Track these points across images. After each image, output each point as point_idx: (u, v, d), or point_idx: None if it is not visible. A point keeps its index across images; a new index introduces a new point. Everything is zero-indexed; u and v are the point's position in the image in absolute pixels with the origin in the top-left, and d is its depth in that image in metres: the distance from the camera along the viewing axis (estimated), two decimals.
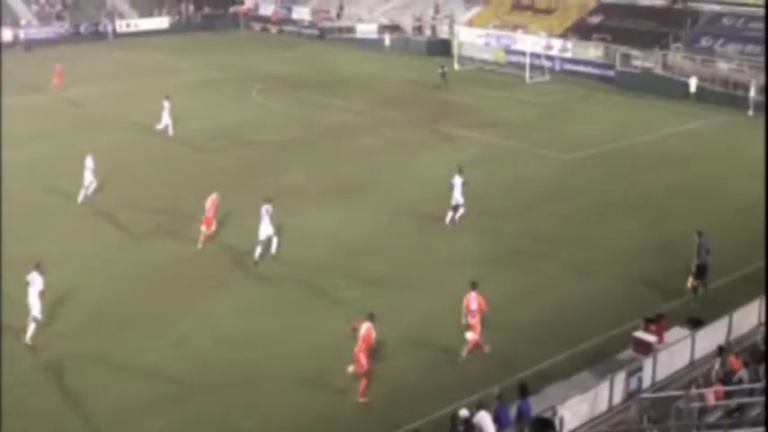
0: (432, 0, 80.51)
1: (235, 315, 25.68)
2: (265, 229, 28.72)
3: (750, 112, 50.50)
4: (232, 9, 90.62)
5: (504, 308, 25.40)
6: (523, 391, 19.10)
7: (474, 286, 23.39)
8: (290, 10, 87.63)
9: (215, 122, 48.13)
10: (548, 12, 71.93)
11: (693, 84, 54.12)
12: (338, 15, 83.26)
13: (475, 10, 76.98)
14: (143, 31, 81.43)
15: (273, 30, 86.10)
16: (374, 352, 22.09)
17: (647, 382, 20.76)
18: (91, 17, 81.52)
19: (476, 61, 64.44)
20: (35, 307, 23.63)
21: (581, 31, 66.62)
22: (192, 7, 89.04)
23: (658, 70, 58.03)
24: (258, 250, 28.69)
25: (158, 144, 43.10)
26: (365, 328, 21.61)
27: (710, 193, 36.25)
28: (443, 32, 73.94)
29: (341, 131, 46.19)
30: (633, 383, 20.38)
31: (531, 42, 64.39)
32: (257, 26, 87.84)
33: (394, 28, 76.76)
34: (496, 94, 56.44)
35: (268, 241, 28.91)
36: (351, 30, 78.48)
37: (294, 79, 59.39)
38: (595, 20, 68.17)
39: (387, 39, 73.53)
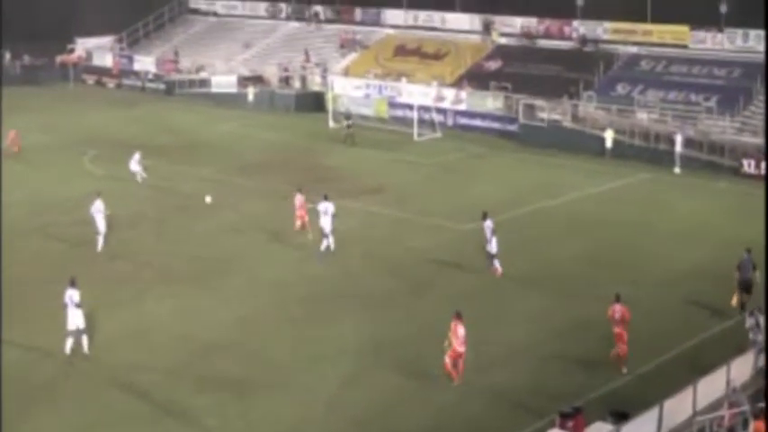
0: (300, 45, 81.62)
1: None
2: (326, 225, 37.48)
3: (677, 170, 52.38)
4: (59, 58, 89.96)
5: (378, 415, 25.54)
6: None
7: (618, 299, 28.09)
8: (130, 60, 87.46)
9: (36, 197, 47.29)
10: (437, 57, 73.83)
11: (609, 138, 56.09)
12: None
13: (351, 56, 78.36)
14: None
15: (111, 84, 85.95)
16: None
17: None
18: None
19: (354, 117, 65.23)
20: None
21: (477, 78, 68.50)
22: (8, 56, 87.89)
23: (568, 123, 60.08)
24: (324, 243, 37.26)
25: None
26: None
27: (630, 263, 37.41)
28: (315, 84, 74.96)
29: (192, 205, 45.88)
30: None
31: (419, 93, 65.97)
32: (91, 79, 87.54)
33: (257, 80, 77.42)
34: (379, 155, 57.30)
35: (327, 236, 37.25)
36: (205, 83, 78.80)
37: (136, 143, 58.61)
38: (493, 65, 70.25)
39: (249, 93, 73.99)
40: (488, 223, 36.17)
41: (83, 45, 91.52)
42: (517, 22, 73.40)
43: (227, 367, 28.55)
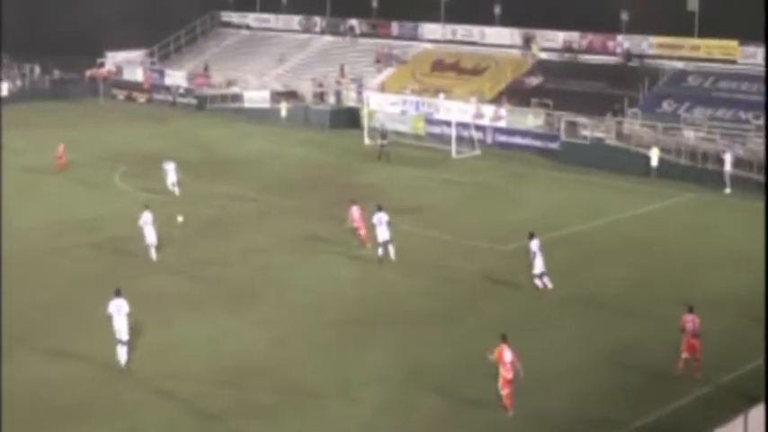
0: (335, 60, 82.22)
1: None
2: (383, 235, 39.53)
3: (727, 190, 52.16)
4: (89, 73, 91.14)
5: None
6: None
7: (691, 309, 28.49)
8: (161, 74, 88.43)
9: (65, 215, 47.99)
10: (476, 72, 74.14)
11: (655, 156, 56.00)
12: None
13: (388, 71, 78.84)
14: None
15: (141, 98, 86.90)
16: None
17: None
18: None
19: (390, 134, 65.62)
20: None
21: (517, 95, 68.79)
22: (37, 70, 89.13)
23: (611, 141, 60.10)
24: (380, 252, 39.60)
25: None
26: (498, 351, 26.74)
27: (678, 287, 37.13)
28: (350, 99, 75.45)
29: (223, 225, 46.43)
30: None
31: (457, 109, 66.21)
32: (121, 94, 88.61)
33: (290, 95, 78.03)
34: (415, 173, 57.60)
35: (385, 245, 39.59)
36: (237, 98, 79.57)
37: (163, 158, 59.52)
38: (534, 81, 70.45)
39: (283, 108, 74.60)
40: (535, 242, 36.75)
41: (113, 59, 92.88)
42: (559, 37, 73.75)
43: (259, 392, 28.77)
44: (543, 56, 73.10)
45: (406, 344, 32.11)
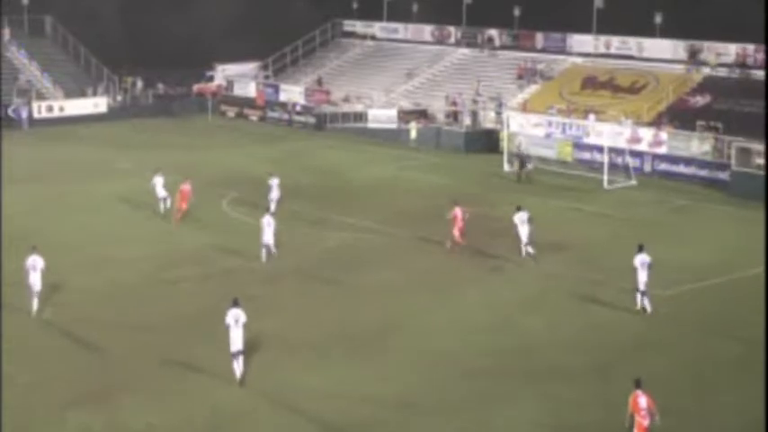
0: (472, 75, 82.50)
1: None
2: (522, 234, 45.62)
3: None
4: (196, 87, 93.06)
5: None
6: None
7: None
8: (276, 90, 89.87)
9: (170, 245, 49.12)
10: (632, 91, 73.74)
11: None
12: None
13: (531, 89, 78.87)
14: (70, 117, 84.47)
15: (254, 116, 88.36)
16: None
17: None
18: None
19: (533, 159, 65.56)
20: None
21: (680, 116, 68.05)
22: (140, 84, 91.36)
23: None
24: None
25: (87, 276, 44.01)
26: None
27: None
28: (488, 120, 75.68)
29: (346, 258, 46.97)
30: None
31: (611, 133, 65.79)
32: (231, 111, 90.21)
33: (420, 114, 78.61)
34: (562, 204, 57.44)
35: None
36: (360, 117, 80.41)
37: (281, 185, 60.47)
38: (701, 101, 69.71)
39: (412, 129, 75.11)
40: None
41: (222, 72, 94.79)
42: (731, 50, 72.86)
43: None
44: (712, 72, 72.26)
45: (551, 402, 31.97)
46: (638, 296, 39.76)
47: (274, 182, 55.16)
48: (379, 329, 38.24)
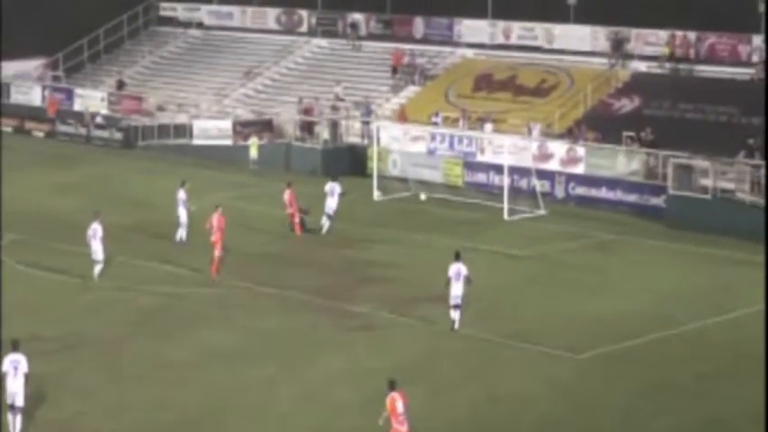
0: (330, 74, 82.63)
1: None
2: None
3: None
4: None
5: None
6: None
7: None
8: (69, 95, 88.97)
9: None
10: (541, 92, 74.71)
11: None
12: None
13: (409, 91, 79.23)
14: None
15: (39, 132, 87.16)
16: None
17: None
18: None
19: (411, 183, 65.85)
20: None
21: (602, 126, 68.84)
22: None
23: (745, 194, 59.88)
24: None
25: None
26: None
27: None
28: (352, 133, 75.78)
29: (164, 320, 46.73)
30: None
31: (513, 148, 66.45)
32: (8, 124, 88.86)
33: (263, 127, 78.48)
34: (450, 243, 57.00)
35: None
36: (183, 131, 79.94)
37: (75, 221, 59.68)
38: (628, 105, 70.63)
39: (253, 147, 75.02)
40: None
41: None
42: (664, 39, 73.77)
43: None
44: (642, 67, 73.42)
45: None
46: (451, 311, 44.08)
47: (96, 226, 51.89)
48: (200, 416, 37.93)
